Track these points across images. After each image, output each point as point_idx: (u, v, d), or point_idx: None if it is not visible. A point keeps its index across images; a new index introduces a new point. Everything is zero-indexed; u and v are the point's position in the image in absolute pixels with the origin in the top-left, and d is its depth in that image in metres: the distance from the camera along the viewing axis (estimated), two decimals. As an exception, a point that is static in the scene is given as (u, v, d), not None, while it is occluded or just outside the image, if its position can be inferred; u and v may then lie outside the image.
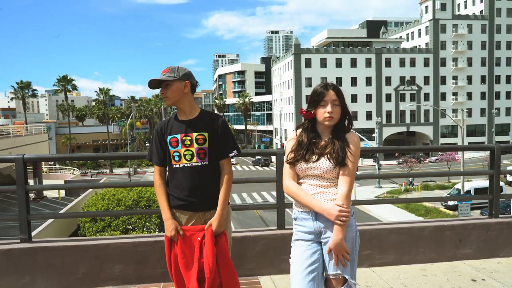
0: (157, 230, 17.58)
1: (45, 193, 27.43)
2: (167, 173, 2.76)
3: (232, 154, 2.74)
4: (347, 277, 2.37)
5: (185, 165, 2.66)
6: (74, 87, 72.92)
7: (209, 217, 2.69)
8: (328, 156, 2.36)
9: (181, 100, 2.73)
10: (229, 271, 2.65)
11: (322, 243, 2.40)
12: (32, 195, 25.65)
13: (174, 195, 2.70)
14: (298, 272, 2.36)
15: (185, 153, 2.65)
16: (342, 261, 2.33)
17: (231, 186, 2.76)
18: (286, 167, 2.47)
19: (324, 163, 2.37)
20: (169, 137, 2.69)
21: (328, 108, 2.39)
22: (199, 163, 2.65)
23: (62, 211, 19.74)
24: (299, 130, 2.52)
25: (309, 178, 2.42)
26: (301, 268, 2.35)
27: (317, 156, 2.39)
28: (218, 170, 2.73)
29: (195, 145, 2.65)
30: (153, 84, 2.72)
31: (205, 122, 2.71)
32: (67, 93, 72.99)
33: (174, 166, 2.68)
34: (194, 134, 2.66)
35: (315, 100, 2.44)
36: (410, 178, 43.55)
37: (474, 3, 75.70)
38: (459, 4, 78.76)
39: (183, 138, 2.66)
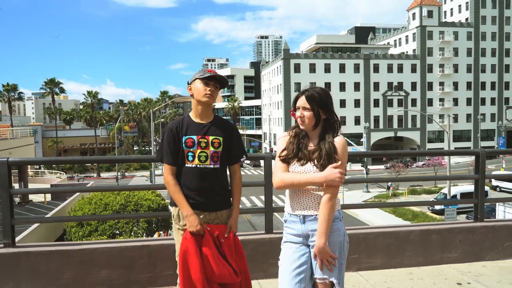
0: (144, 234, 17.42)
1: (31, 197, 26.99)
2: (178, 172, 2.79)
3: (243, 159, 2.90)
4: (334, 281, 2.37)
5: (198, 166, 2.74)
6: (62, 90, 72.11)
7: (214, 218, 2.77)
8: (315, 161, 2.39)
9: (212, 102, 2.84)
10: (246, 271, 2.80)
11: (310, 246, 2.42)
12: (17, 199, 25.23)
13: (187, 194, 2.75)
14: (286, 273, 2.37)
15: (200, 154, 2.74)
16: (327, 265, 2.34)
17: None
18: (278, 163, 2.48)
19: (310, 168, 2.39)
20: (185, 137, 2.75)
21: (298, 112, 2.47)
22: (212, 166, 2.76)
23: (48, 216, 19.46)
24: (293, 130, 2.56)
25: None
26: (289, 269, 2.37)
27: (305, 160, 2.42)
28: (226, 173, 2.86)
29: (211, 148, 2.75)
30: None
31: (221, 127, 2.82)
32: (55, 96, 72.16)
33: (186, 165, 2.75)
34: (210, 138, 2.76)
35: (293, 104, 2.54)
36: (389, 183, 43.96)
37: (460, 11, 76.98)
38: (445, 12, 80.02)
39: (200, 140, 2.75)
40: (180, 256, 2.65)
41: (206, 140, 2.74)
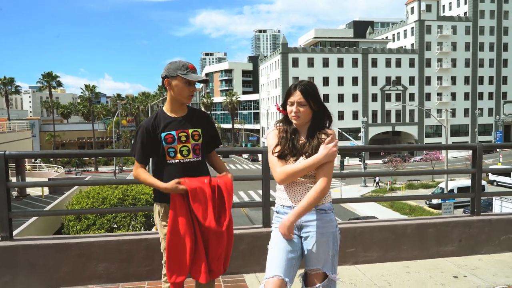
0: (142, 228, 17.44)
1: (28, 191, 26.97)
2: (155, 169, 2.74)
3: (221, 146, 2.92)
4: (327, 272, 2.37)
5: (181, 160, 2.67)
6: (59, 84, 71.87)
7: None
8: (306, 155, 2.37)
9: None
10: (231, 219, 2.72)
11: (303, 238, 2.41)
12: (14, 193, 25.20)
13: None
14: (279, 252, 2.35)
15: (182, 149, 2.66)
16: (287, 235, 2.33)
17: None
18: (275, 159, 2.44)
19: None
20: (163, 134, 2.66)
21: (294, 108, 2.41)
22: (195, 159, 2.70)
23: (45, 209, 19.44)
24: (280, 124, 2.52)
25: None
26: (280, 252, 2.34)
27: (297, 157, 2.40)
28: (206, 164, 2.82)
29: (191, 141, 2.69)
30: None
31: (197, 118, 2.77)
32: (52, 90, 71.92)
33: (168, 161, 2.67)
34: (190, 130, 2.69)
35: (285, 99, 2.47)
36: (377, 178, 44.09)
37: (458, 5, 76.85)
38: (444, 6, 79.86)
39: (179, 135, 2.66)
40: (169, 228, 2.61)
41: (186, 134, 2.67)
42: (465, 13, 73.87)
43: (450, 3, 79.49)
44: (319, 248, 2.37)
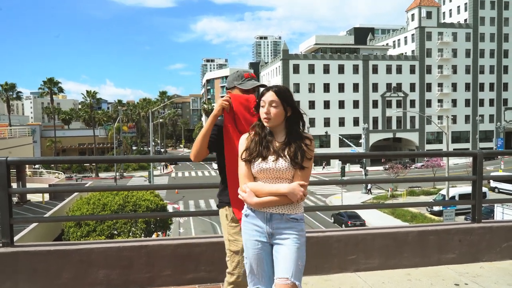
0: (142, 235, 17.41)
1: (29, 197, 26.94)
2: (220, 165, 2.88)
3: None
4: (296, 283, 2.29)
5: None
6: (60, 90, 72.05)
7: None
8: (287, 157, 2.33)
9: None
10: None
11: (274, 244, 2.37)
12: (15, 199, 25.19)
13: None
14: (253, 270, 2.38)
15: None
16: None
17: None
18: (242, 168, 2.41)
19: (283, 164, 2.33)
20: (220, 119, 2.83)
21: (264, 109, 2.37)
22: None
23: (46, 215, 19.42)
24: (253, 128, 2.48)
25: (266, 178, 2.36)
26: (256, 267, 2.38)
27: (275, 156, 2.35)
28: None
29: None
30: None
31: None
32: (53, 96, 72.09)
33: None
34: None
35: (258, 100, 2.44)
36: (369, 185, 43.98)
37: (458, 12, 77.15)
38: (444, 13, 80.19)
39: None
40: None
41: None
42: (465, 20, 74.14)
43: (450, 10, 79.82)
44: (289, 257, 2.31)
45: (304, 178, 2.35)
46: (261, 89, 2.54)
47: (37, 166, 39.51)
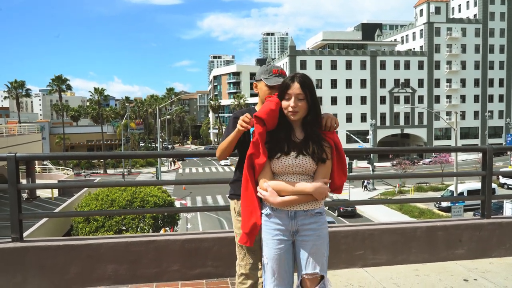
0: (150, 230, 17.51)
1: (38, 193, 27.26)
2: (240, 160, 2.83)
3: None
4: (324, 275, 2.31)
5: None
6: (69, 87, 72.53)
7: None
8: (309, 152, 2.28)
9: None
10: None
11: (297, 242, 2.34)
12: (25, 195, 25.46)
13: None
14: (274, 270, 2.31)
15: None
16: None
17: None
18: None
19: (305, 161, 2.28)
20: (252, 128, 2.68)
21: (291, 102, 2.28)
22: None
23: (55, 211, 19.60)
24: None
25: (289, 175, 2.31)
26: (277, 267, 2.31)
27: (296, 152, 2.29)
28: None
29: None
30: None
31: None
32: (62, 93, 72.61)
33: None
34: None
35: (281, 92, 2.34)
36: (365, 182, 43.70)
37: (468, 7, 76.30)
38: (453, 8, 79.37)
39: None
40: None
41: None
42: (474, 15, 73.32)
43: (459, 5, 78.96)
44: (317, 252, 2.31)
45: (326, 173, 2.32)
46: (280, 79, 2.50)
47: (46, 162, 39.85)
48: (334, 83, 66.27)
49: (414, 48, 72.86)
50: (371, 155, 47.25)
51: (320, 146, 2.31)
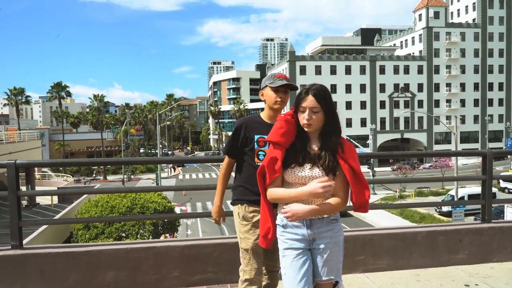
0: (150, 237, 17.47)
1: (38, 200, 27.21)
2: (244, 168, 2.86)
3: None
4: (339, 281, 2.35)
5: None
6: (68, 94, 72.68)
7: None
8: (323, 165, 2.29)
9: (283, 108, 2.95)
10: None
11: (314, 249, 2.34)
12: (24, 202, 25.41)
13: (252, 190, 2.77)
14: (294, 281, 2.29)
15: None
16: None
17: None
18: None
19: (319, 173, 2.29)
20: (257, 136, 2.82)
21: (305, 115, 2.30)
22: None
23: (55, 218, 19.56)
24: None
25: (300, 185, 2.32)
26: (296, 276, 2.29)
27: (311, 164, 2.30)
28: None
29: None
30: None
31: None
32: (61, 100, 72.73)
33: (257, 164, 2.77)
34: None
35: (297, 104, 2.36)
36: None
37: (467, 11, 76.60)
38: (452, 12, 79.67)
39: None
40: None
41: None
42: (473, 20, 73.59)
43: (458, 9, 79.27)
44: (333, 258, 2.33)
45: (340, 186, 2.32)
46: (297, 91, 2.56)
47: (45, 169, 39.82)
48: (333, 88, 66.39)
49: (413, 53, 73.06)
50: (371, 160, 47.26)
51: (333, 158, 2.31)
